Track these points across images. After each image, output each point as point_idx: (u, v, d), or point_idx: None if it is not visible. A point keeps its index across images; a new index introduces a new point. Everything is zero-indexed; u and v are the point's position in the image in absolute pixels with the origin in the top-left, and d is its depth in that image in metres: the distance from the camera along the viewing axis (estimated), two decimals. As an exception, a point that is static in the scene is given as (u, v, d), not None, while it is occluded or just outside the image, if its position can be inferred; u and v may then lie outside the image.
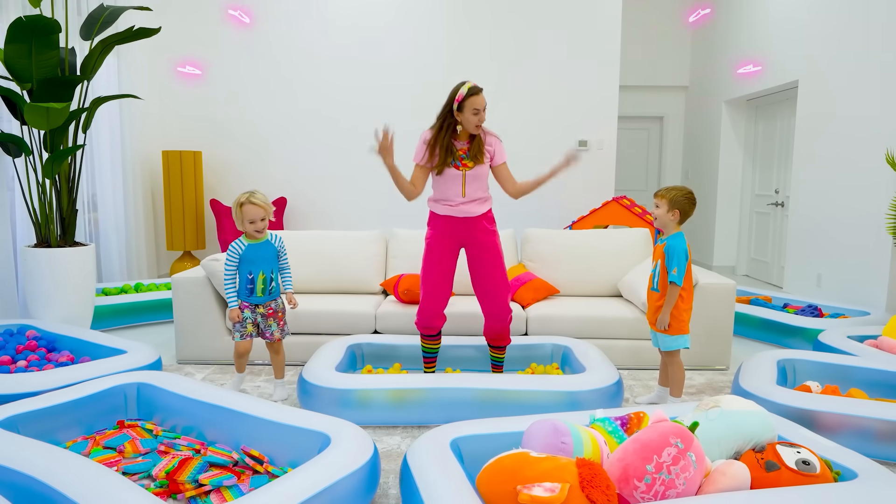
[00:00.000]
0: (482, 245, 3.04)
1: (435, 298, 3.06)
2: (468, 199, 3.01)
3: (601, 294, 4.18)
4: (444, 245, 3.05)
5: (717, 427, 2.11)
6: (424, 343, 3.20)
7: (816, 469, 1.96)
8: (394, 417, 2.84)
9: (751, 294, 5.10)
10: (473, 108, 2.88)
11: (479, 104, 2.88)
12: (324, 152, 6.39)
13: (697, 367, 3.70)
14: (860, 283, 4.97)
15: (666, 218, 2.92)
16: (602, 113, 6.35)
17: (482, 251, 3.04)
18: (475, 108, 2.89)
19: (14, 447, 2.05)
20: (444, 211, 3.03)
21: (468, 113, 2.90)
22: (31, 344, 3.36)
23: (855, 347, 3.47)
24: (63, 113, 3.71)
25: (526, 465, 1.82)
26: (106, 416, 2.64)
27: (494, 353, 3.23)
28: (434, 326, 3.11)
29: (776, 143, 6.71)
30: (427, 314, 3.08)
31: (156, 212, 6.32)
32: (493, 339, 3.18)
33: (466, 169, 2.98)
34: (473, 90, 2.87)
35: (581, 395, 2.81)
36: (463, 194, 3.00)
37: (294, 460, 2.25)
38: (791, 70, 5.97)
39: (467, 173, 2.98)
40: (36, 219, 3.97)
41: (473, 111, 2.89)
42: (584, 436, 2.03)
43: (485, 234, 3.05)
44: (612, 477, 1.88)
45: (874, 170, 4.81)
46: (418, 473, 1.95)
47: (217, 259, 3.64)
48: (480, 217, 3.05)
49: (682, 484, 1.85)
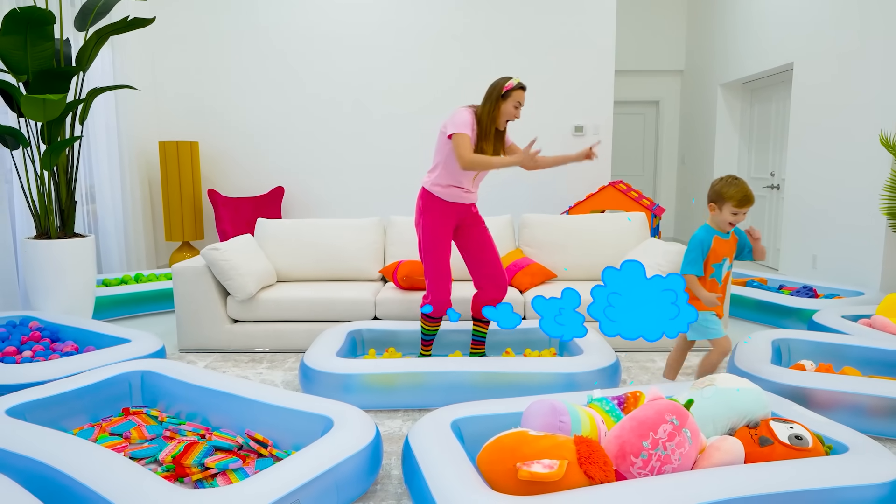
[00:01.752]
0: (474, 220, 3.17)
1: (449, 280, 3.10)
2: (475, 187, 3.13)
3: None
4: (447, 228, 3.09)
5: (712, 404, 2.15)
6: (430, 326, 3.23)
7: (808, 443, 2.01)
8: (395, 401, 2.88)
9: (746, 276, 5.14)
10: (517, 101, 2.94)
11: (522, 98, 2.95)
12: (320, 141, 6.40)
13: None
14: (855, 263, 5.02)
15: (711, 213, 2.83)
16: (597, 98, 6.35)
17: (475, 226, 3.17)
18: (518, 102, 2.95)
19: (24, 434, 2.09)
20: (454, 197, 3.05)
21: (510, 104, 2.94)
22: (35, 335, 3.39)
23: (849, 327, 3.52)
24: (60, 104, 3.71)
25: (525, 443, 1.86)
26: (111, 403, 2.68)
27: (479, 327, 3.29)
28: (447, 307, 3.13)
29: (771, 126, 6.73)
30: (445, 296, 3.08)
31: (153, 203, 6.33)
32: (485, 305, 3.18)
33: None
34: (521, 85, 2.95)
35: (579, 377, 2.86)
36: (473, 182, 3.09)
37: (298, 443, 2.29)
38: (786, 52, 5.98)
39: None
40: (35, 211, 3.98)
41: (516, 104, 2.95)
42: (582, 415, 2.07)
43: (474, 213, 3.20)
44: (609, 454, 1.93)
45: (868, 151, 4.83)
46: (420, 454, 1.99)
47: (217, 248, 3.67)
48: (476, 207, 3.22)
49: (678, 459, 1.89)
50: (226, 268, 3.65)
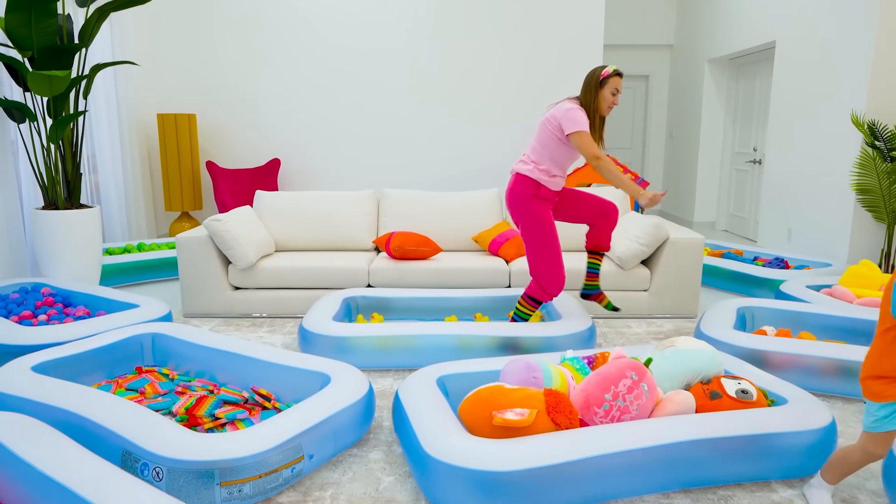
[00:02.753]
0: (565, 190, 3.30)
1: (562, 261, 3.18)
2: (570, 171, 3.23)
3: (580, 249, 4.45)
4: (550, 213, 3.18)
5: (670, 363, 2.40)
6: (532, 310, 3.26)
7: (753, 397, 2.27)
8: (386, 362, 3.12)
9: (723, 248, 5.39)
10: (614, 88, 3.02)
11: (620, 86, 3.03)
12: (315, 115, 6.54)
13: (668, 314, 3.99)
14: (826, 237, 5.26)
15: None
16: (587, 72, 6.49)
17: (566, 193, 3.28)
18: (615, 88, 3.02)
19: (51, 387, 2.31)
20: (557, 185, 3.15)
21: (607, 91, 3.02)
22: (48, 300, 3.61)
23: (811, 296, 3.77)
24: (65, 80, 3.86)
25: (500, 394, 2.11)
26: (125, 362, 2.91)
27: (595, 259, 3.36)
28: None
29: (755, 102, 6.91)
30: (562, 277, 3.14)
31: (153, 174, 6.49)
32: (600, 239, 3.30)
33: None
34: (618, 71, 3.04)
35: (557, 341, 3.10)
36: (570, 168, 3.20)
37: (298, 397, 2.53)
38: (769, 30, 6.13)
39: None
40: (43, 182, 4.16)
41: (613, 90, 3.02)
42: (553, 371, 2.32)
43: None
44: (576, 405, 2.18)
45: (841, 130, 5.04)
46: (408, 405, 2.23)
47: (219, 219, 3.86)
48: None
49: (636, 409, 2.15)
50: (227, 238, 3.85)
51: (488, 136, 6.57)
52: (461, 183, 6.63)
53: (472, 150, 6.61)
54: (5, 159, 4.25)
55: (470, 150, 6.61)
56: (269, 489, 1.97)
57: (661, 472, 2.00)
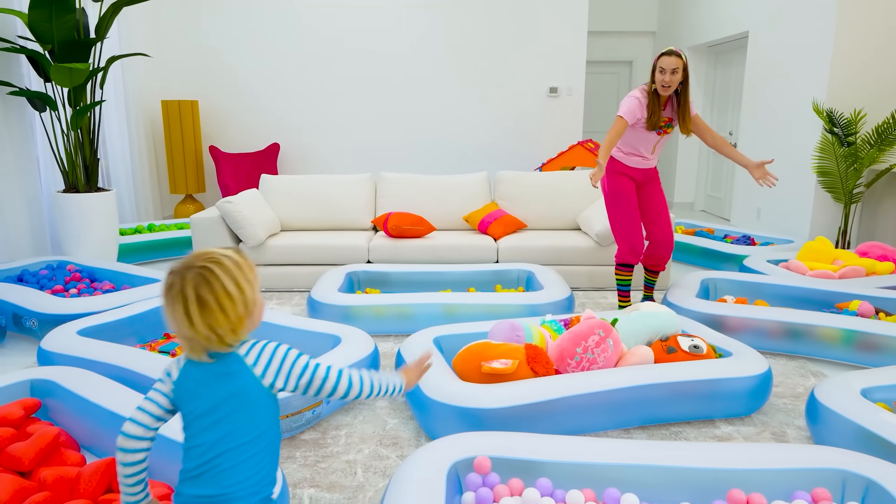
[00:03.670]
0: (650, 181, 3.52)
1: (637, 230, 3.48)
2: (654, 155, 3.46)
3: (563, 227, 4.82)
4: (629, 186, 3.46)
5: (634, 324, 2.79)
6: (623, 275, 3.62)
7: (703, 351, 2.66)
8: (387, 328, 3.49)
9: (696, 227, 5.78)
10: (660, 67, 3.18)
11: (666, 64, 3.15)
12: (313, 100, 6.84)
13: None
14: (790, 215, 5.67)
15: None
16: (571, 59, 6.82)
17: (649, 184, 3.51)
18: (661, 67, 3.17)
19: (98, 348, 2.67)
20: (633, 163, 3.43)
21: (656, 71, 3.20)
22: (76, 276, 3.94)
23: (770, 269, 4.16)
24: (84, 72, 4.16)
25: (488, 348, 2.49)
26: (154, 329, 3.26)
27: (650, 276, 3.72)
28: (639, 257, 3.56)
29: (731, 89, 7.28)
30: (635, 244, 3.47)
31: (158, 158, 6.78)
32: (653, 265, 3.63)
33: (665, 135, 3.41)
34: (665, 51, 3.18)
35: (539, 308, 3.48)
36: (652, 152, 3.45)
37: (311, 356, 2.89)
38: (743, 20, 6.48)
39: (663, 138, 3.41)
40: (63, 167, 4.46)
41: (659, 70, 3.18)
42: (534, 330, 2.70)
43: (651, 175, 3.54)
44: (552, 358, 2.56)
45: (805, 116, 5.42)
46: (408, 358, 2.61)
47: (230, 201, 4.20)
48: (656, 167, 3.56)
49: (603, 361, 2.53)
50: (238, 218, 4.19)
51: (477, 121, 6.90)
52: (452, 166, 6.97)
53: (462, 135, 6.94)
54: (26, 146, 4.55)
55: (459, 135, 6.94)
56: (294, 427, 2.35)
57: (622, 411, 2.39)
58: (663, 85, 3.21)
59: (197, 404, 1.26)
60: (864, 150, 4.79)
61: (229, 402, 1.25)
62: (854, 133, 4.83)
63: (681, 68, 3.19)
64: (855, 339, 3.06)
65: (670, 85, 3.20)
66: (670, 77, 3.18)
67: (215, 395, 1.25)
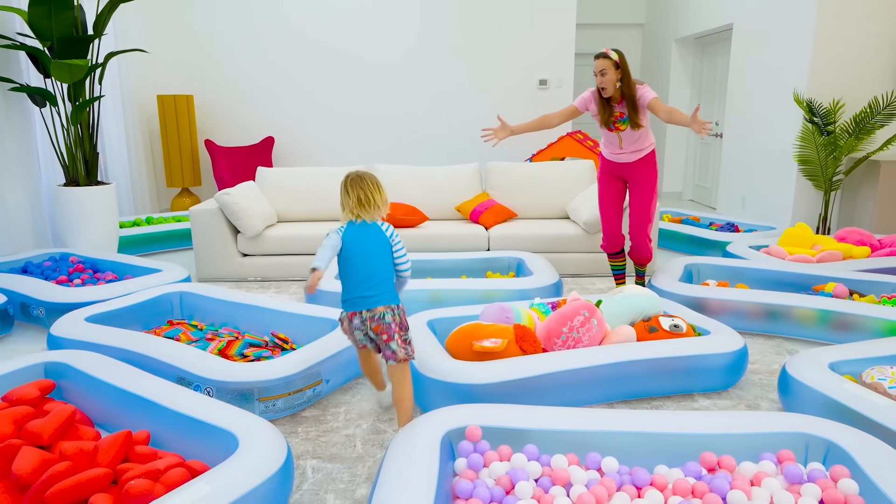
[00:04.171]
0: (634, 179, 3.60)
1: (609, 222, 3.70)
2: (626, 150, 3.53)
3: (552, 216, 4.96)
4: (608, 179, 3.66)
5: (618, 305, 2.93)
6: (613, 262, 3.87)
7: (683, 329, 2.81)
8: (383, 314, 3.62)
9: (682, 215, 5.93)
10: (594, 71, 3.32)
11: (595, 67, 3.30)
12: (306, 94, 6.94)
13: (629, 273, 4.53)
14: (773, 203, 5.83)
15: None
16: (560, 52, 6.94)
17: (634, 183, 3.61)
18: (594, 71, 3.32)
19: (105, 333, 2.79)
20: (610, 157, 3.61)
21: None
22: (79, 266, 4.05)
23: (751, 254, 4.32)
24: (84, 68, 4.25)
25: (479, 328, 2.62)
26: (158, 316, 3.39)
27: (636, 266, 3.82)
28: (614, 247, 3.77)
29: (717, 80, 7.42)
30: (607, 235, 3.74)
31: (154, 152, 6.87)
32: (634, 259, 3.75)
33: (619, 131, 3.46)
34: (596, 54, 3.31)
35: (529, 292, 3.62)
36: (620, 146, 3.53)
37: (311, 339, 3.02)
38: (728, 12, 6.61)
39: (622, 132, 3.46)
40: (64, 161, 4.56)
41: (594, 73, 3.32)
42: (523, 312, 2.83)
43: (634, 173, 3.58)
44: (539, 337, 2.70)
45: (787, 107, 5.57)
46: (404, 340, 2.74)
47: (228, 193, 4.31)
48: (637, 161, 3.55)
49: (587, 339, 2.68)
50: (236, 210, 4.31)
51: (468, 112, 7.02)
52: (444, 157, 7.09)
53: (454, 126, 7.06)
54: (27, 141, 4.64)
55: (451, 126, 7.06)
56: (296, 405, 2.49)
57: (605, 386, 2.54)
58: (600, 87, 3.35)
59: (359, 248, 2.18)
60: (842, 138, 4.94)
61: (376, 246, 2.21)
62: (833, 122, 4.98)
63: (610, 68, 3.27)
64: (829, 319, 3.22)
65: (605, 86, 3.32)
66: (601, 78, 3.30)
67: (371, 242, 2.20)
